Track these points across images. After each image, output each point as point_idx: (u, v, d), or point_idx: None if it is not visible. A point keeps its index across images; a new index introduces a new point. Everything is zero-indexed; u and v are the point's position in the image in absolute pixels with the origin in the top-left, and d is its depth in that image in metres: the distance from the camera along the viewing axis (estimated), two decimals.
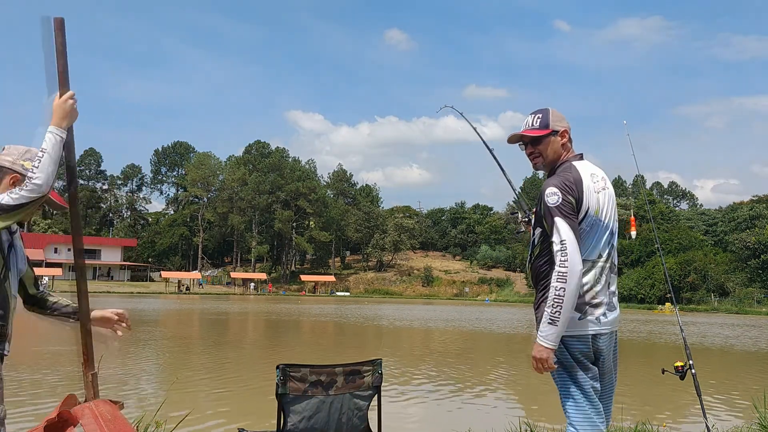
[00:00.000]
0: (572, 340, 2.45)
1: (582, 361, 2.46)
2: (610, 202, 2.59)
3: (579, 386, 2.44)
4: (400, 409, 7.93)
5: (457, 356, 14.33)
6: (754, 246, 60.00)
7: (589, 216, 2.48)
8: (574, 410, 2.44)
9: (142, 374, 10.16)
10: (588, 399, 2.44)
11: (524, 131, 2.67)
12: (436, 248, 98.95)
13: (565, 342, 2.44)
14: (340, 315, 32.08)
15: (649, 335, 23.09)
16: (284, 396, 2.84)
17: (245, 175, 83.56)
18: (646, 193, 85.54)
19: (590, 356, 2.49)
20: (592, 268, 2.49)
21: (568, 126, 2.66)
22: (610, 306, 2.53)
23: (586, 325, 2.46)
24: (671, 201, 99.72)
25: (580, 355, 2.46)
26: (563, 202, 2.42)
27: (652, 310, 51.22)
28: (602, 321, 2.49)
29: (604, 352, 2.52)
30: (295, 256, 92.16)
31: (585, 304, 2.47)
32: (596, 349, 2.50)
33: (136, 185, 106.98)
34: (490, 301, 68.60)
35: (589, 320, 2.47)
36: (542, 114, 2.66)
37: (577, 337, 2.45)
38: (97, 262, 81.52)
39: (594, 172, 2.59)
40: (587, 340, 2.47)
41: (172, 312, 32.08)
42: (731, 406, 8.61)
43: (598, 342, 2.50)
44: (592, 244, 2.50)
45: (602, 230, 2.52)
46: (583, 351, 2.46)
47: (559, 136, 2.62)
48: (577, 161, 2.60)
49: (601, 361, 2.53)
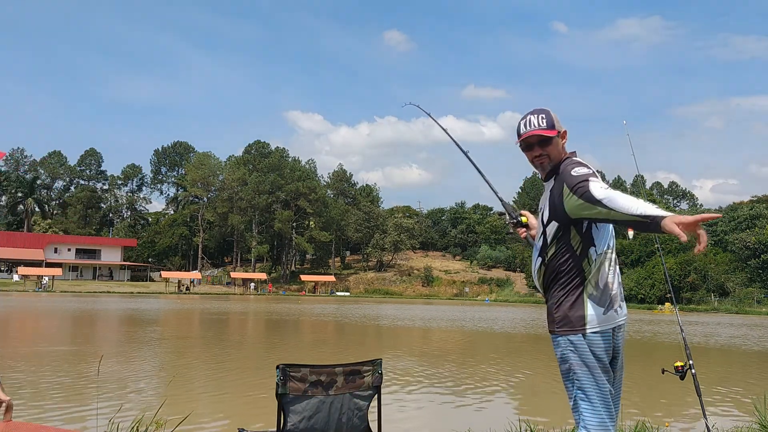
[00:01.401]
0: (596, 336, 2.42)
1: (603, 361, 2.43)
2: None
3: (598, 389, 2.40)
4: (400, 409, 7.93)
5: (457, 356, 14.33)
6: (754, 246, 59.99)
7: None
8: (590, 414, 2.38)
9: (142, 374, 10.15)
10: (605, 403, 2.39)
11: (539, 131, 2.59)
12: (436, 248, 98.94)
13: (590, 340, 2.42)
14: (340, 315, 32.08)
15: (648, 335, 23.09)
16: (284, 396, 2.84)
17: (245, 175, 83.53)
18: (647, 193, 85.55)
19: (610, 354, 2.47)
20: (605, 259, 2.49)
21: (561, 125, 2.68)
22: (623, 297, 2.55)
23: (610, 318, 2.46)
24: (671, 201, 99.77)
25: (603, 354, 2.43)
26: (593, 172, 2.43)
27: (652, 310, 51.22)
28: (619, 313, 2.50)
29: (620, 347, 2.53)
30: (295, 256, 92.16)
31: (607, 296, 2.47)
32: (615, 345, 2.49)
33: (136, 185, 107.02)
34: (490, 301, 68.59)
35: (611, 314, 2.47)
36: (545, 114, 2.63)
37: (601, 332, 2.43)
38: (97, 262, 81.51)
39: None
40: (609, 336, 2.46)
41: (171, 312, 32.08)
42: (731, 406, 8.61)
43: (617, 336, 2.50)
44: (607, 236, 2.52)
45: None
46: (606, 348, 2.44)
47: (561, 137, 2.63)
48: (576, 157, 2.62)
49: (617, 357, 2.52)
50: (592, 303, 2.45)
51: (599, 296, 2.45)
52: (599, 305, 2.43)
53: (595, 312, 2.44)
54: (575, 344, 2.42)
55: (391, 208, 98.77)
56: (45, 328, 20.07)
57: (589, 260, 2.46)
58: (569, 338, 2.44)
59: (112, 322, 23.79)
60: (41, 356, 12.04)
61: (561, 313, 2.46)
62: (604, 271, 2.48)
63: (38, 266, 72.86)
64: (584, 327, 2.42)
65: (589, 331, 2.42)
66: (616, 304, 2.49)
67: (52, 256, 77.43)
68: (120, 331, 19.26)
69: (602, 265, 2.47)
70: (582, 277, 2.46)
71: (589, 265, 2.46)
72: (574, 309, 2.45)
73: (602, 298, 2.44)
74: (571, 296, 2.46)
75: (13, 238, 78.51)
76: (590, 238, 2.48)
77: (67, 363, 11.07)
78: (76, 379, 9.37)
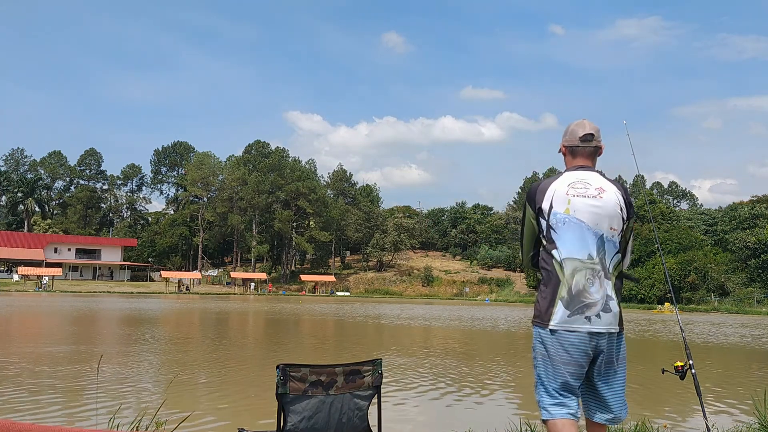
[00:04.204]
0: (562, 334, 2.64)
1: (565, 357, 2.64)
2: (596, 210, 2.72)
3: (553, 379, 2.66)
4: (400, 409, 7.93)
5: (457, 356, 14.33)
6: (754, 246, 59.97)
7: (556, 213, 2.72)
8: (541, 397, 2.69)
9: (142, 374, 10.15)
10: (559, 392, 2.65)
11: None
12: (436, 248, 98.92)
13: (555, 336, 2.66)
14: (340, 314, 32.08)
15: (648, 335, 23.09)
16: (284, 396, 2.84)
17: (245, 174, 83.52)
18: (647, 193, 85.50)
19: (584, 354, 2.64)
20: (583, 268, 2.66)
21: (565, 140, 2.92)
22: (609, 310, 2.67)
23: (576, 321, 2.64)
24: (671, 201, 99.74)
25: (565, 351, 2.64)
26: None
27: (651, 310, 51.20)
28: (593, 321, 2.64)
29: (604, 352, 2.70)
30: (295, 256, 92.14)
31: (578, 302, 2.64)
32: (598, 350, 2.67)
33: (136, 185, 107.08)
34: (490, 301, 68.59)
35: (578, 318, 2.64)
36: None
37: (568, 331, 2.64)
38: (97, 261, 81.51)
39: (581, 179, 2.78)
40: (581, 337, 2.63)
41: (171, 312, 32.08)
42: (731, 406, 8.60)
43: (598, 343, 2.66)
44: (577, 242, 2.68)
45: (585, 231, 2.68)
46: (571, 347, 2.64)
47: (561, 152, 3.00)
48: (571, 171, 2.85)
49: (596, 360, 2.70)
50: (561, 304, 2.65)
51: (569, 300, 2.64)
52: (567, 308, 2.64)
53: (562, 313, 2.64)
54: (541, 336, 2.69)
55: (391, 208, 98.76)
56: (45, 327, 20.07)
57: (557, 262, 2.69)
58: (538, 330, 2.71)
59: (112, 322, 23.79)
60: (41, 356, 12.04)
61: (536, 308, 2.76)
62: (580, 279, 2.65)
63: (38, 266, 72.86)
64: (548, 323, 2.66)
65: (551, 327, 2.65)
66: (590, 312, 2.64)
67: (52, 256, 77.43)
68: (120, 331, 19.26)
69: (579, 273, 2.65)
70: (557, 279, 2.67)
71: (561, 269, 2.67)
72: (546, 306, 2.69)
73: (572, 303, 2.64)
74: (547, 294, 2.70)
75: (13, 238, 78.51)
76: (551, 240, 2.72)
77: (67, 363, 11.07)
78: (76, 379, 9.37)
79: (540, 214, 2.78)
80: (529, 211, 2.86)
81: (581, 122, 2.90)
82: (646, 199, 65.49)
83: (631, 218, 2.80)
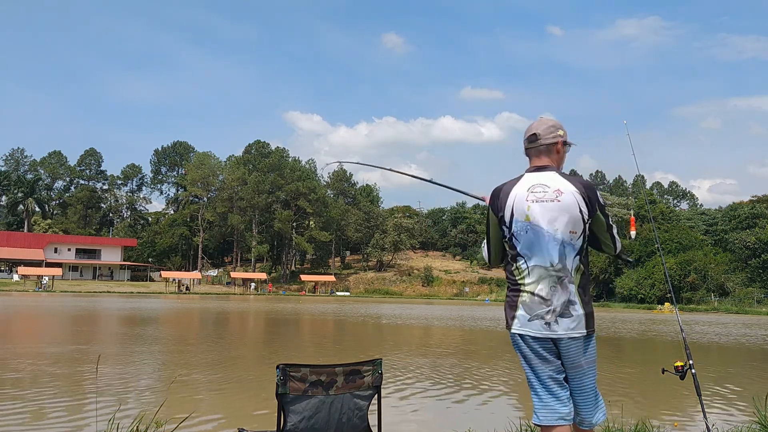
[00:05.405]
0: (525, 336, 2.76)
1: (533, 356, 2.74)
2: (555, 214, 2.70)
3: (534, 374, 2.75)
4: (400, 409, 7.92)
5: (458, 355, 14.32)
6: (754, 246, 59.97)
7: (517, 221, 2.74)
8: (533, 394, 2.76)
9: (142, 374, 10.15)
10: (543, 385, 2.73)
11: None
12: (436, 248, 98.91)
13: (520, 338, 2.78)
14: (340, 314, 32.07)
15: (648, 335, 23.09)
16: (284, 396, 2.84)
17: (245, 174, 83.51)
18: (647, 193, 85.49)
19: (551, 354, 2.73)
20: (546, 276, 2.70)
21: (525, 139, 2.92)
22: (570, 315, 2.69)
23: (534, 326, 2.71)
24: (671, 201, 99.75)
25: (532, 351, 2.74)
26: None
27: (651, 310, 51.19)
28: (552, 327, 2.69)
29: (567, 356, 2.74)
30: (295, 256, 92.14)
31: (537, 307, 2.70)
32: (562, 354, 2.74)
33: (136, 185, 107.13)
34: (490, 301, 68.59)
35: (537, 323, 2.71)
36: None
37: (530, 336, 2.73)
38: (97, 261, 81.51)
39: (540, 182, 2.76)
40: (544, 342, 2.71)
41: (171, 312, 32.08)
42: (731, 406, 8.60)
43: (564, 348, 2.72)
44: (535, 250, 2.71)
45: (546, 238, 2.69)
46: (537, 348, 2.72)
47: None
48: (530, 172, 2.84)
49: (566, 363, 2.76)
50: (522, 309, 2.75)
51: (530, 305, 2.72)
52: (527, 313, 2.72)
53: (522, 317, 2.74)
54: (513, 338, 2.82)
55: (391, 208, 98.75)
56: (45, 327, 20.07)
57: (519, 270, 2.76)
58: (511, 332, 2.83)
59: (112, 322, 23.78)
60: (41, 356, 12.03)
61: (504, 313, 2.88)
62: (543, 286, 2.70)
63: (38, 266, 72.87)
64: (511, 327, 2.81)
65: (513, 331, 2.79)
66: (549, 318, 2.69)
67: (52, 256, 77.43)
68: (120, 331, 19.26)
69: (543, 280, 2.70)
70: (520, 285, 2.76)
71: (520, 273, 2.74)
72: (510, 311, 2.82)
73: (532, 307, 2.71)
74: (511, 299, 2.82)
75: (13, 238, 78.51)
76: (514, 248, 2.78)
77: (67, 363, 11.07)
78: (76, 379, 9.37)
79: (502, 222, 2.81)
80: (492, 217, 2.88)
81: (536, 121, 2.91)
82: (646, 199, 65.44)
83: (594, 213, 2.74)
